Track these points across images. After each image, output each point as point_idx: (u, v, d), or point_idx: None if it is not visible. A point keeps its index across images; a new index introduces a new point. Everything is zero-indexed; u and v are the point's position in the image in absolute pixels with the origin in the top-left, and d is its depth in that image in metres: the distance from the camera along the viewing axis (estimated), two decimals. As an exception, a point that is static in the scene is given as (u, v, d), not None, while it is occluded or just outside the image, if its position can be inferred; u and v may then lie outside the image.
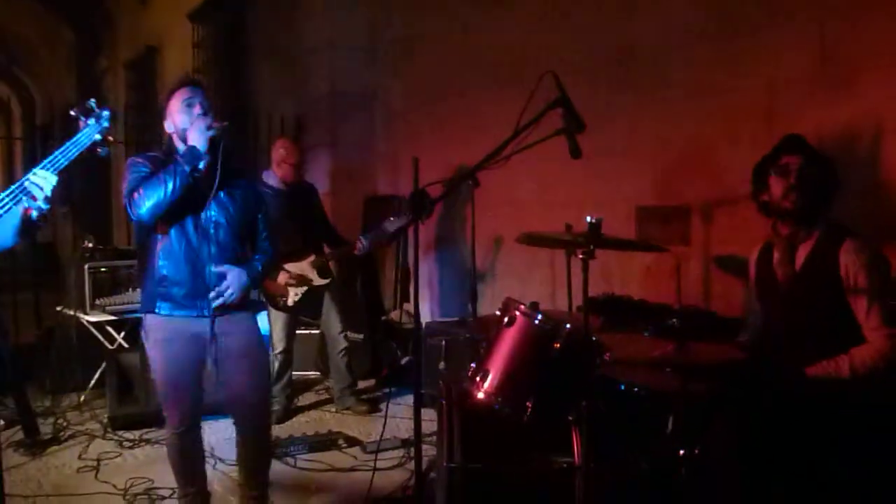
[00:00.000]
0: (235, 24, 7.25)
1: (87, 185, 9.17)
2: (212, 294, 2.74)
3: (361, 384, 5.11)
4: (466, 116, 5.29)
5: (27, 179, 1.97)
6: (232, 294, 2.76)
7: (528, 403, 2.34)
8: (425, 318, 5.71)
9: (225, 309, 2.79)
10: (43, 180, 1.99)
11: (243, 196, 2.89)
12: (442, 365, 4.70)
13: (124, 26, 10.70)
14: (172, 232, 2.73)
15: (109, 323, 4.85)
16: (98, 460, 3.93)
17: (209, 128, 2.68)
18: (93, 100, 2.31)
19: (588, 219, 2.27)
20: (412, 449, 3.94)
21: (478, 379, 2.43)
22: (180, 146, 2.78)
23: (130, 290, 4.85)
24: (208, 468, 3.11)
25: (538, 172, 4.70)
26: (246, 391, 2.87)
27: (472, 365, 2.52)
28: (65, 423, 4.45)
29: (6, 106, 9.23)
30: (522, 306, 2.43)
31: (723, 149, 3.78)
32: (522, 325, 2.39)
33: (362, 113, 6.32)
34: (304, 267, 4.52)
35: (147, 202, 2.60)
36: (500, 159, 2.64)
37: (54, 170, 2.02)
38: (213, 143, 2.71)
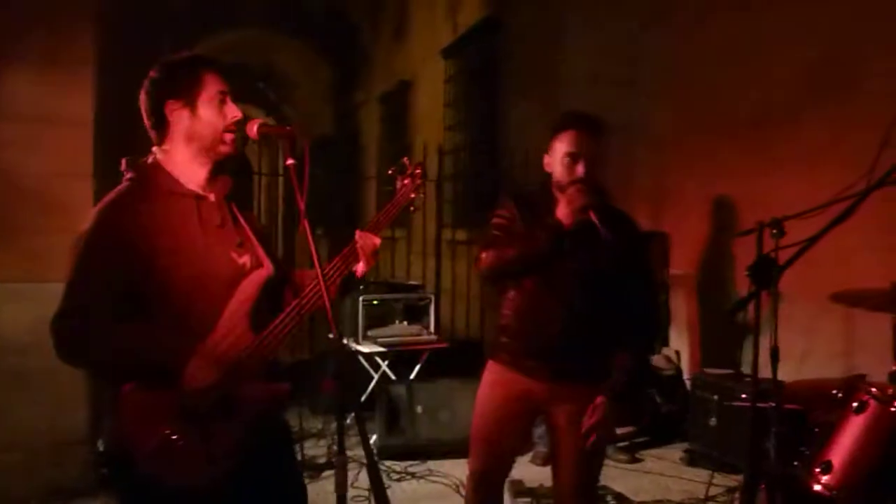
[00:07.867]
0: (489, 59, 7.36)
1: (339, 211, 9.85)
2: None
3: (618, 431, 4.88)
4: (747, 151, 4.88)
5: (356, 243, 2.05)
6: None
7: (882, 506, 2.01)
8: (685, 365, 5.36)
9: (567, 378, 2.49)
10: (367, 241, 2.05)
11: (615, 240, 2.42)
12: (713, 421, 4.37)
13: (379, 61, 11.39)
14: (525, 283, 2.53)
15: (377, 353, 5.06)
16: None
17: (584, 209, 2.39)
18: (406, 159, 2.35)
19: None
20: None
21: (816, 469, 2.12)
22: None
23: (398, 322, 5.02)
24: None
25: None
26: (568, 478, 2.52)
27: (804, 450, 2.23)
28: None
29: (273, 141, 10.26)
30: (874, 389, 2.09)
31: None
32: (878, 414, 2.05)
33: (621, 147, 6.10)
34: None
35: (490, 267, 2.52)
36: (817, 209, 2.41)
37: (377, 231, 2.09)
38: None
